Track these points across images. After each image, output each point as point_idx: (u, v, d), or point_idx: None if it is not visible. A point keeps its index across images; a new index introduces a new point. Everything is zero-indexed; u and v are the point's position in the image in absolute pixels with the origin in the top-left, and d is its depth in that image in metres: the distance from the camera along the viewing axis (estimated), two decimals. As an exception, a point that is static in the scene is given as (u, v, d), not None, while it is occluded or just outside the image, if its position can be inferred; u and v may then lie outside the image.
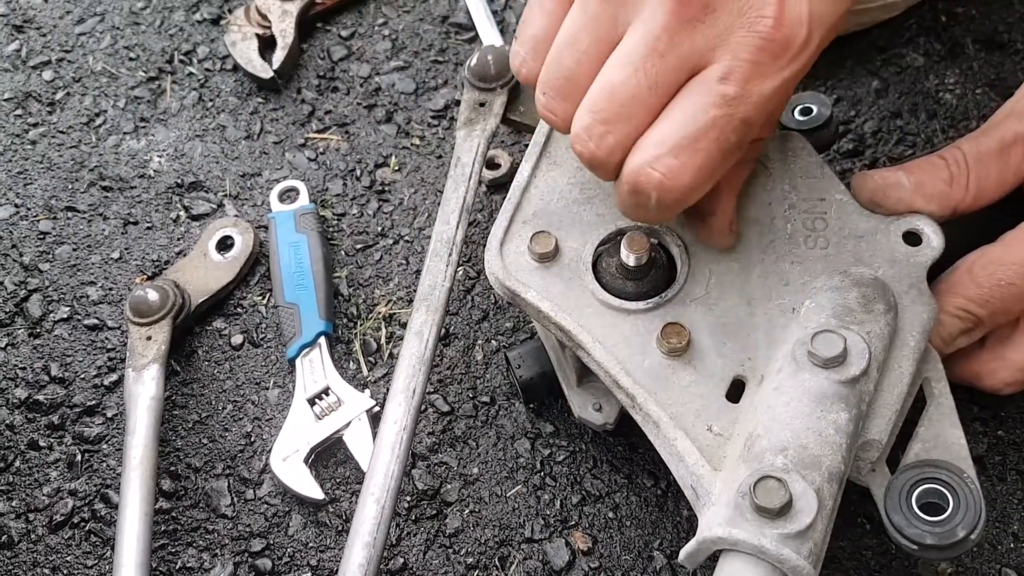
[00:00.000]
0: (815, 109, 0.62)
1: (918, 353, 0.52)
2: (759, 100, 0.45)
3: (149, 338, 0.68)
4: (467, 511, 0.63)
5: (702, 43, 0.45)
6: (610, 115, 0.46)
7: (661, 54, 0.45)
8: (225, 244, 0.75)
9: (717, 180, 0.49)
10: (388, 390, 0.59)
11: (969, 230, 0.56)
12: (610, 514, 0.62)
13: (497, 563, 0.61)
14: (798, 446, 0.47)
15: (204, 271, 0.74)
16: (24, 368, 0.73)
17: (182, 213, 0.80)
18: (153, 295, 0.69)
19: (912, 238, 0.55)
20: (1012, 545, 0.58)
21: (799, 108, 0.63)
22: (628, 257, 0.54)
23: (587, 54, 0.47)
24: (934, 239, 0.54)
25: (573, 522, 0.62)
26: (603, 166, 0.48)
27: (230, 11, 0.92)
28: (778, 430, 0.48)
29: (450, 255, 0.62)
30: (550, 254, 0.56)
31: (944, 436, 0.51)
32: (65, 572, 0.64)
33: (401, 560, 0.62)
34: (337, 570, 0.55)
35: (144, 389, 0.65)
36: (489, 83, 0.69)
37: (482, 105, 0.69)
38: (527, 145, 0.61)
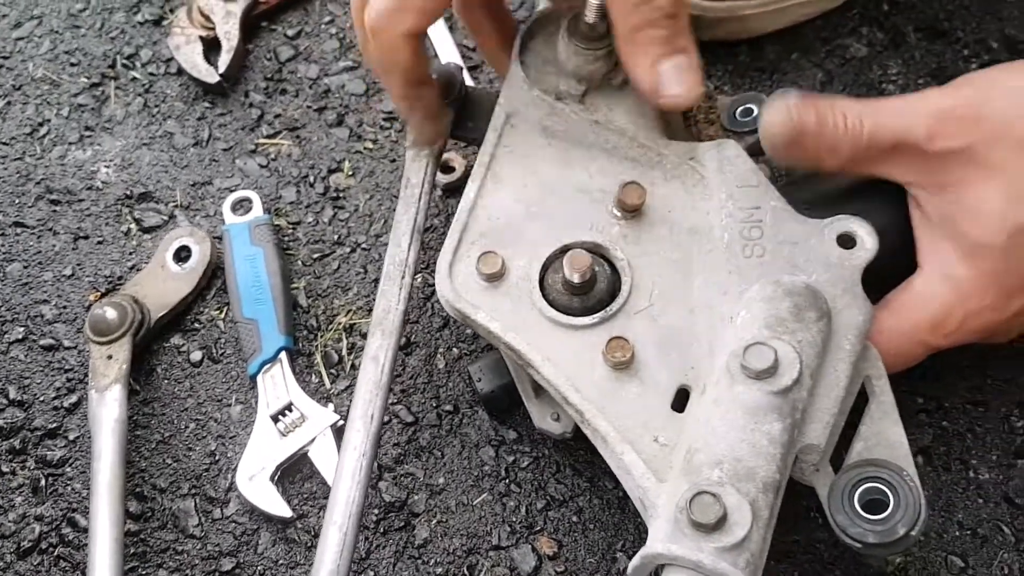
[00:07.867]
0: (756, 109, 0.63)
1: (854, 356, 0.53)
2: None
3: (110, 357, 0.68)
4: (435, 521, 0.64)
5: None
6: None
7: None
8: (182, 255, 0.75)
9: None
10: (348, 412, 0.60)
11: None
12: (574, 518, 0.64)
13: (466, 571, 0.63)
14: (733, 459, 0.49)
15: (162, 284, 0.73)
16: (-19, 392, 0.73)
17: (133, 226, 0.79)
18: (112, 312, 0.69)
19: (846, 240, 0.56)
20: (957, 533, 0.61)
21: (740, 109, 0.64)
22: (572, 275, 0.55)
23: None
24: (868, 241, 0.55)
25: (539, 527, 0.63)
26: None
27: (172, 11, 0.90)
28: (714, 443, 0.50)
29: (403, 278, 0.62)
30: (498, 274, 0.57)
31: (885, 434, 0.53)
32: (36, 598, 0.65)
33: (371, 573, 0.63)
34: (309, 591, 0.56)
35: (108, 411, 0.65)
36: None
37: None
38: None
